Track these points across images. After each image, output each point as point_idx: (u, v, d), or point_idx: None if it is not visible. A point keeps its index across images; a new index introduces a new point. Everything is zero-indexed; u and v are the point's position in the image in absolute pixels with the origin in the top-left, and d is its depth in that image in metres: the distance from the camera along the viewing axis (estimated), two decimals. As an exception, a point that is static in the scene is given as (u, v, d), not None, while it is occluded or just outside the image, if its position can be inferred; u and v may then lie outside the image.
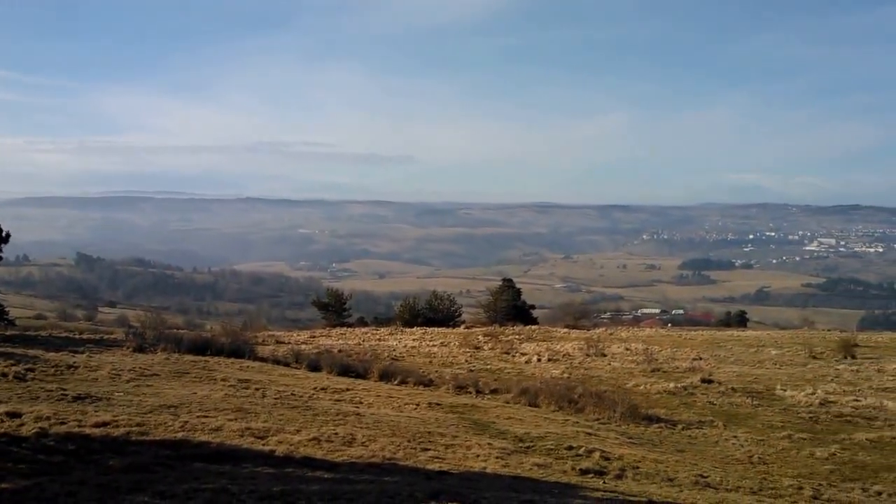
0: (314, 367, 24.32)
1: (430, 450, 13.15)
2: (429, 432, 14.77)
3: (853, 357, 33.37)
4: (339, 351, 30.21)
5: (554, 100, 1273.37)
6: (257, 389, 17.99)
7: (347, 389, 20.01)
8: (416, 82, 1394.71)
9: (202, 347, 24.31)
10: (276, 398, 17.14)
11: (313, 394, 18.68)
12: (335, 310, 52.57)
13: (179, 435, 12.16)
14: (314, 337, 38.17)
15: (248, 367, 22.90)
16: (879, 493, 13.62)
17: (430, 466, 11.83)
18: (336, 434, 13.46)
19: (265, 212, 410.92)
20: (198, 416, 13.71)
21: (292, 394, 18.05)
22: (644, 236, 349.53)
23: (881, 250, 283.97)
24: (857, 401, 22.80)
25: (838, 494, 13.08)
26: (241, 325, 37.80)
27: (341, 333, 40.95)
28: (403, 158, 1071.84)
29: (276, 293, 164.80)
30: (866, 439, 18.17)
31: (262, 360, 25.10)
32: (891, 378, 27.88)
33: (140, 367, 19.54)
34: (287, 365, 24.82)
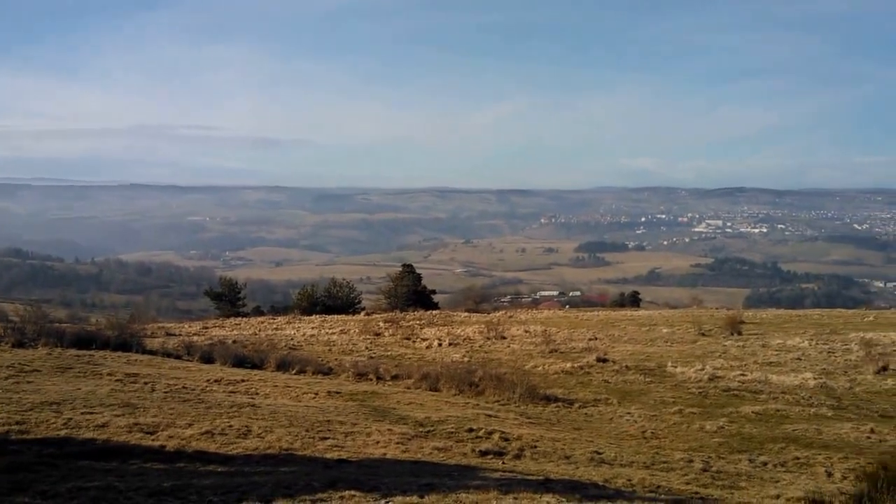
0: (207, 359, 23.61)
1: (328, 438, 12.98)
2: (328, 421, 14.56)
3: (739, 334, 34.86)
4: (234, 342, 29.50)
5: (453, 84, 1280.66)
6: (146, 383, 17.31)
7: (242, 381, 19.50)
8: (310, 65, 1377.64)
9: (87, 341, 23.19)
10: (166, 392, 16.54)
11: (206, 386, 18.12)
12: (229, 299, 51.15)
13: (63, 432, 11.66)
14: (207, 328, 37.06)
15: (136, 360, 22.01)
16: (765, 464, 14.22)
17: (328, 455, 11.70)
18: (230, 426, 13.09)
19: (152, 199, 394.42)
20: (82, 413, 13.09)
21: (184, 387, 17.45)
22: (542, 220, 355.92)
23: (765, 231, 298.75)
24: (743, 375, 23.83)
25: (726, 466, 13.59)
26: (129, 317, 36.22)
27: (236, 324, 39.90)
28: (299, 143, 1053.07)
29: (166, 284, 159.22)
30: (752, 412, 18.99)
31: (152, 353, 24.19)
32: (774, 353, 29.27)
33: (20, 363, 18.50)
34: (178, 357, 24.02)
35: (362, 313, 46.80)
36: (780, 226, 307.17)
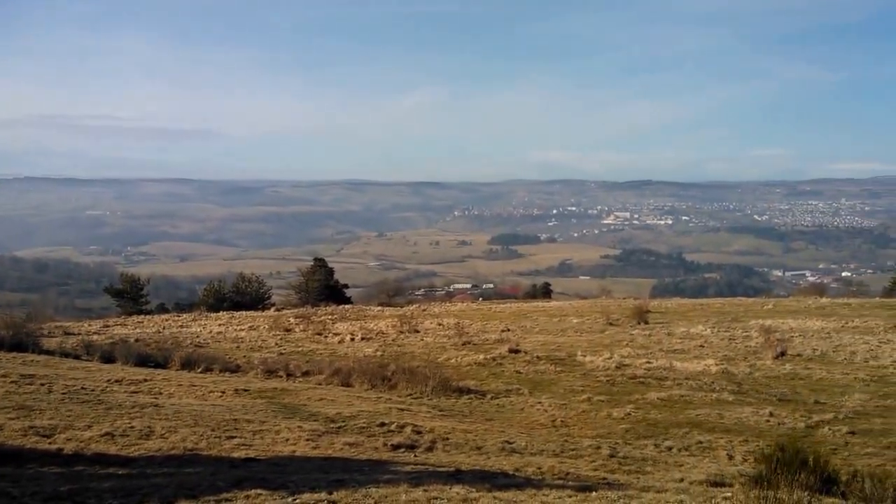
0: (108, 359, 22.75)
1: (235, 437, 12.68)
2: (235, 420, 14.22)
3: (646, 322, 35.86)
4: (137, 340, 28.55)
5: (365, 75, 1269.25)
6: (42, 384, 16.52)
7: (145, 380, 18.85)
8: (217, 54, 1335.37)
9: (-23, 342, 21.99)
10: (64, 393, 15.82)
11: (106, 387, 17.43)
12: (131, 297, 49.36)
13: (-49, 438, 11.00)
14: (108, 326, 35.68)
15: (32, 361, 21.01)
16: (670, 448, 14.62)
17: (235, 454, 11.41)
18: (132, 428, 12.64)
19: (49, 192, 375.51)
20: (-28, 418, 12.38)
21: (83, 388, 16.73)
22: (456, 213, 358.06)
23: (670, 222, 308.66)
24: (649, 363, 24.49)
25: (633, 451, 13.90)
26: (25, 316, 34.53)
27: (139, 321, 38.56)
28: (206, 134, 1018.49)
29: (64, 281, 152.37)
30: (658, 398, 19.52)
31: (49, 353, 23.16)
32: (679, 341, 30.21)
33: None
34: (77, 357, 23.08)
35: (272, 309, 46.07)
36: (684, 217, 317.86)
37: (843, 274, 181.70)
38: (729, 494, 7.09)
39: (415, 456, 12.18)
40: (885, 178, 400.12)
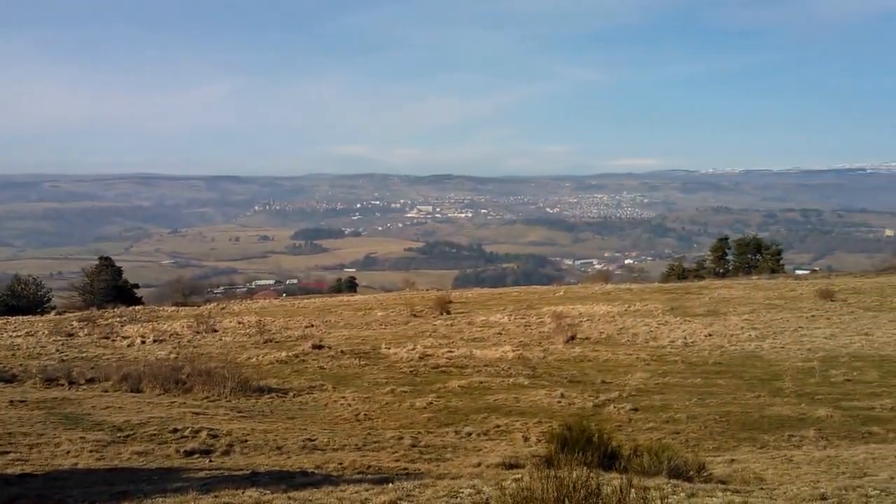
0: None
1: (10, 453, 11.80)
2: (9, 433, 13.12)
3: (448, 313, 36.76)
4: None
5: (154, 64, 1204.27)
6: None
7: None
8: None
9: None
10: None
11: None
12: None
13: None
14: None
15: None
16: (469, 434, 15.03)
17: (10, 471, 10.64)
18: None
19: None
20: None
21: None
22: (256, 207, 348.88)
23: (470, 215, 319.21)
24: (450, 352, 25.11)
25: (434, 440, 14.13)
26: None
27: None
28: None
29: None
30: (459, 386, 20.03)
31: None
32: (479, 329, 31.22)
33: None
34: None
35: (53, 312, 42.63)
36: (483, 210, 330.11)
37: (626, 261, 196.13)
38: (519, 476, 7.34)
39: (210, 461, 11.68)
40: (661, 173, 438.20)
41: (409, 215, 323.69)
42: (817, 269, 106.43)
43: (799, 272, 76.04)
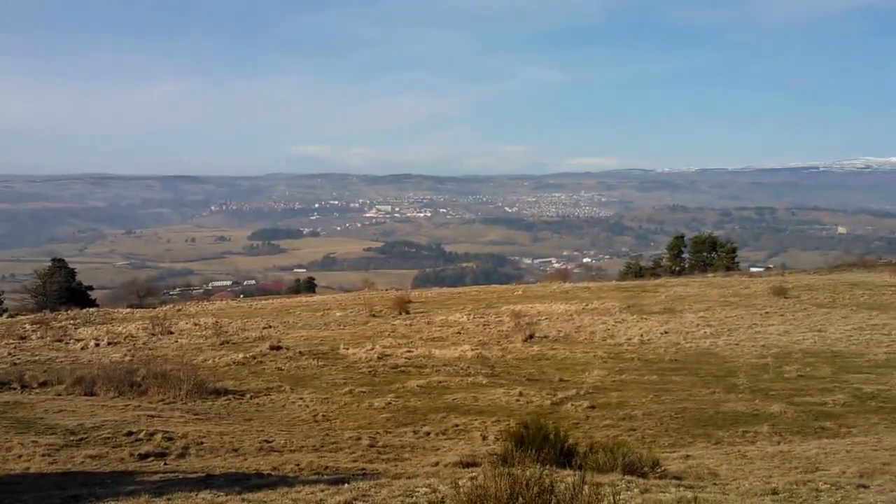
0: None
1: None
2: (-40, 439, 12.69)
3: (407, 313, 36.73)
4: None
5: (110, 62, 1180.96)
6: None
7: None
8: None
9: None
10: None
11: None
12: None
13: None
14: None
15: None
16: (428, 434, 15.04)
17: None
18: None
19: None
20: None
21: None
22: (213, 208, 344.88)
23: (429, 215, 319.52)
24: (409, 352, 25.09)
25: (392, 439, 14.12)
26: None
27: None
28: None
29: None
30: (417, 386, 20.02)
31: None
32: (438, 329, 31.25)
33: None
34: None
35: (5, 315, 41.69)
36: (442, 210, 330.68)
37: (585, 260, 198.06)
38: (475, 474, 7.38)
39: (165, 464, 11.53)
40: (618, 173, 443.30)
41: (367, 215, 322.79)
42: (771, 266, 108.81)
43: (753, 270, 77.65)
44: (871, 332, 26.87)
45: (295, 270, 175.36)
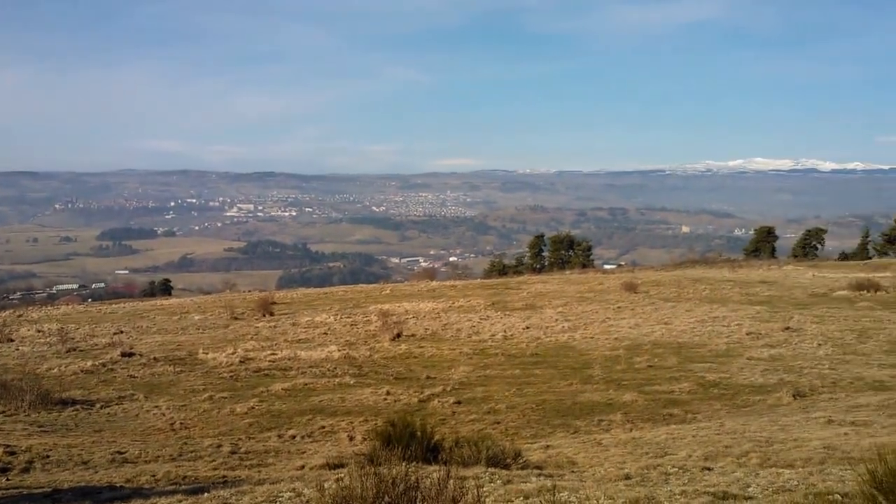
0: None
1: None
2: None
3: (272, 314, 35.88)
4: None
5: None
6: None
7: None
8: None
9: None
10: None
11: None
12: None
13: None
14: None
15: None
16: (293, 437, 14.74)
17: None
18: None
19: None
20: None
21: None
22: (57, 206, 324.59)
23: (295, 214, 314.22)
24: (273, 354, 24.52)
25: (256, 445, 13.74)
26: None
27: None
28: None
29: None
30: (282, 389, 19.60)
31: None
32: (304, 330, 30.72)
33: None
34: None
35: None
36: (308, 209, 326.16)
37: (451, 259, 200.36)
38: (341, 475, 7.29)
39: (7, 480, 10.72)
40: (482, 173, 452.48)
41: (228, 214, 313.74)
42: (623, 263, 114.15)
43: (607, 267, 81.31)
44: (713, 325, 28.61)
45: (157, 273, 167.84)
